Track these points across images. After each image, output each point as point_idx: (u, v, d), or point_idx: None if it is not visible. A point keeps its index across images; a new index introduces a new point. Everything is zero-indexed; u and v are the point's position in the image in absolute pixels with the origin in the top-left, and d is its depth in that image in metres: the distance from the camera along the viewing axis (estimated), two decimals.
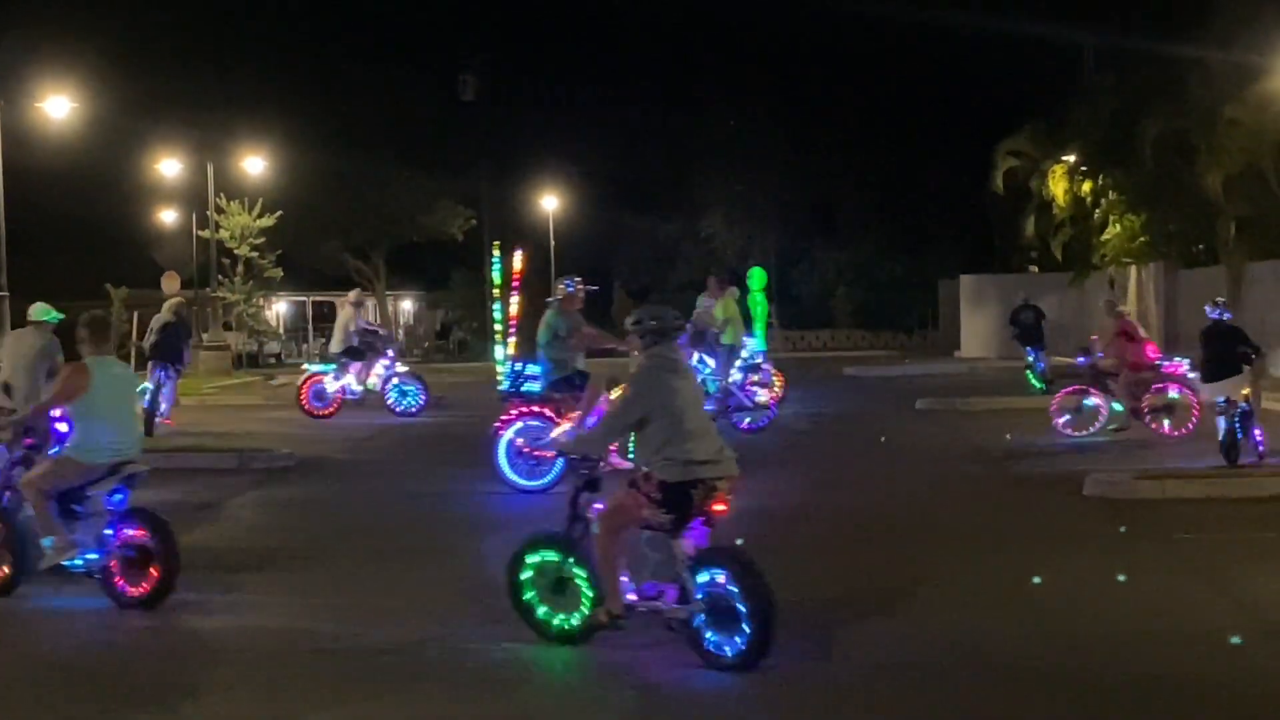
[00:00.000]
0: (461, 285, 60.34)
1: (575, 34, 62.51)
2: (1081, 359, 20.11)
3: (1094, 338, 20.76)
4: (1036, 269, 48.13)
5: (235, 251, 43.23)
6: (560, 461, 14.60)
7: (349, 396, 24.46)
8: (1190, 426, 18.78)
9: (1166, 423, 19.01)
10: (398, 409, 24.49)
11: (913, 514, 13.77)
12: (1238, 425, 15.48)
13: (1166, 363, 20.08)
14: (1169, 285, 35.96)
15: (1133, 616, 9.23)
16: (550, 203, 54.96)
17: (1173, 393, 19.08)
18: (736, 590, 7.99)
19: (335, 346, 25.03)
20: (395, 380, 24.81)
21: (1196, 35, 30.52)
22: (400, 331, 63.39)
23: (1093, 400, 19.42)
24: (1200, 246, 35.89)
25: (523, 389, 15.58)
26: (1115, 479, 14.34)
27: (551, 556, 8.77)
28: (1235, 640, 8.39)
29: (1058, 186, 39.80)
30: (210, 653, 8.83)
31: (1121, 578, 10.23)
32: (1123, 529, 12.30)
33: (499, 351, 16.16)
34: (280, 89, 47.19)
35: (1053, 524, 12.91)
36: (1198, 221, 34.16)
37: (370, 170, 51.36)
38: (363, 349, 24.74)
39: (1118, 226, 37.57)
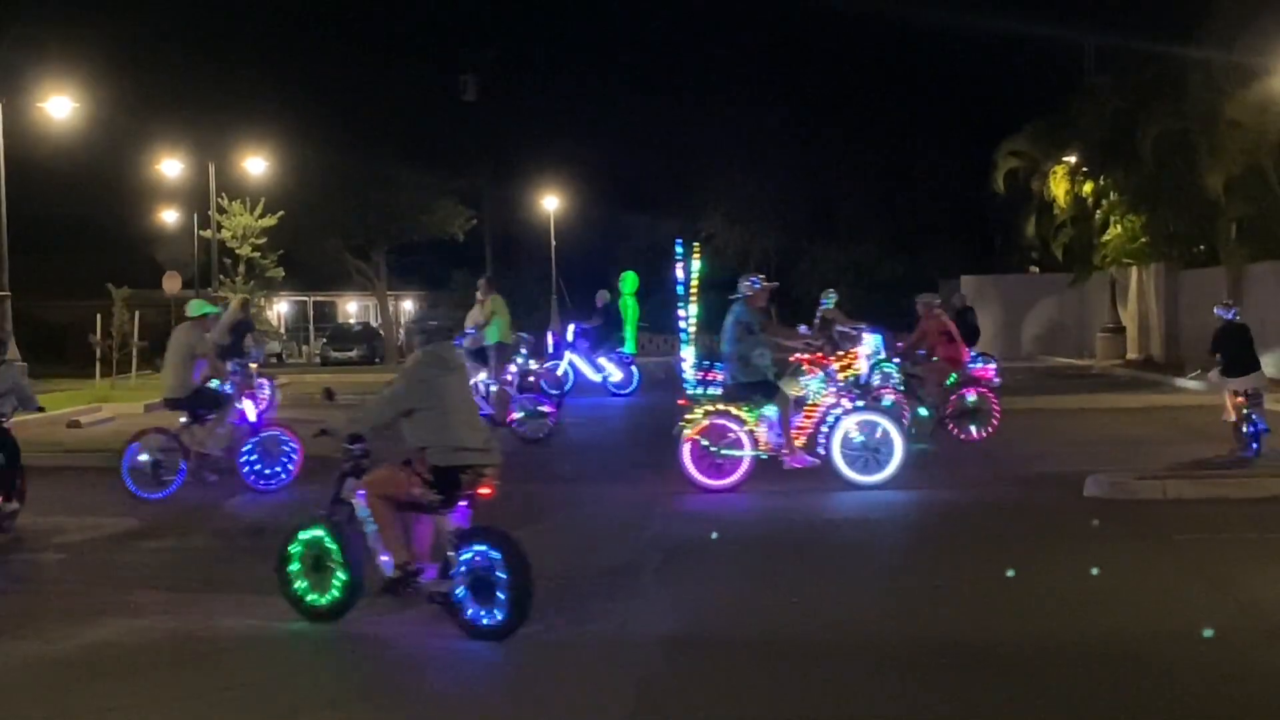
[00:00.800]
0: (462, 286, 60.32)
1: (576, 34, 62.63)
2: (896, 361, 20.01)
3: (901, 342, 20.48)
4: (1037, 269, 48.15)
5: (237, 251, 43.25)
6: (747, 460, 14.81)
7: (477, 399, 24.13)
8: (992, 428, 18.81)
9: (973, 428, 18.87)
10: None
11: (910, 513, 13.79)
12: (1255, 417, 16.14)
13: (975, 366, 20.08)
14: (1170, 286, 35.97)
15: (1133, 617, 9.24)
16: (551, 202, 54.99)
17: (971, 396, 18.96)
18: (500, 564, 8.80)
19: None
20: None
21: (1197, 36, 30.52)
22: (401, 331, 63.38)
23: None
24: (1201, 247, 35.88)
25: (707, 389, 15.59)
26: (1115, 479, 14.35)
27: (318, 536, 9.42)
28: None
29: (1059, 187, 39.81)
30: (210, 653, 8.84)
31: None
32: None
33: (686, 352, 16.15)
34: (282, 89, 47.21)
35: (1052, 524, 12.92)
36: (1198, 222, 34.16)
37: (371, 170, 51.37)
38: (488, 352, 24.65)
39: (1118, 227, 37.58)
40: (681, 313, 16.11)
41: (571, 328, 29.14)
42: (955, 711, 7.46)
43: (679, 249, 16.26)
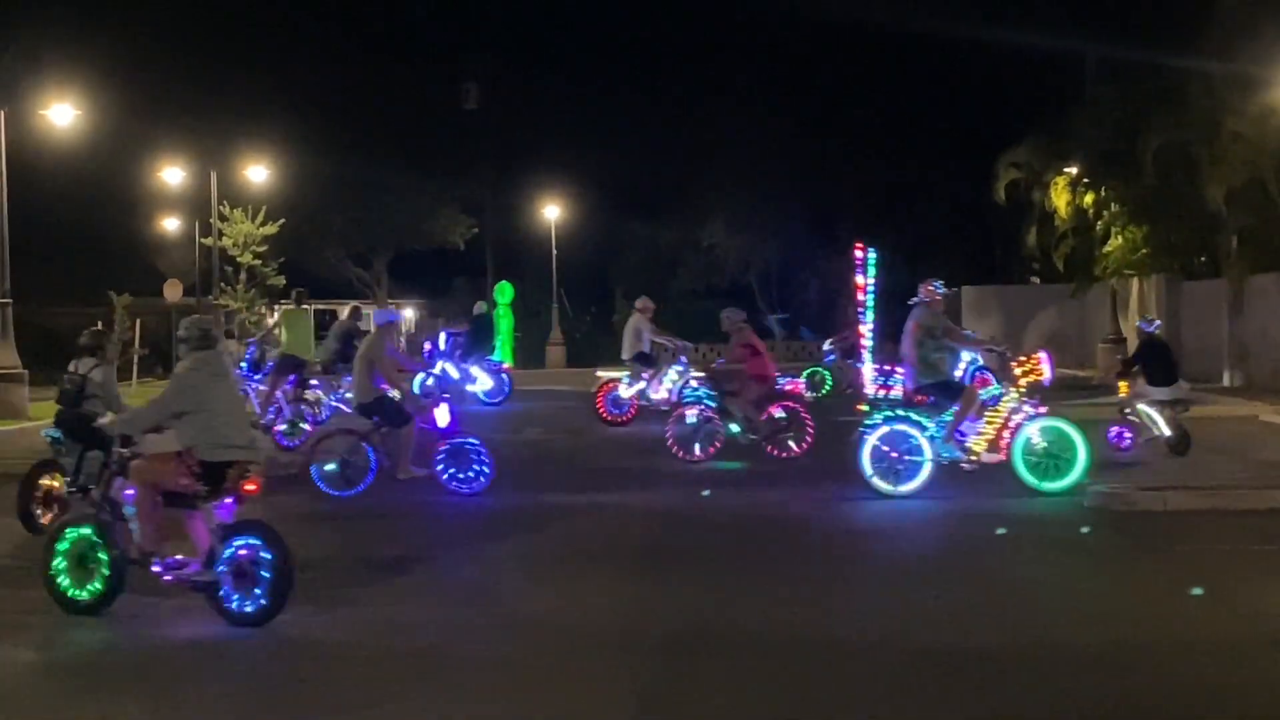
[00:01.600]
0: (463, 293, 60.38)
1: (578, 43, 62.72)
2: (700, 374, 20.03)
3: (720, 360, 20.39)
4: (1038, 280, 48.14)
5: (238, 259, 43.28)
6: (926, 465, 14.87)
7: (644, 403, 24.11)
8: (808, 443, 18.74)
9: (791, 443, 18.78)
10: None
11: (909, 522, 13.78)
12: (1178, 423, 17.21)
13: (784, 381, 20.04)
14: (1171, 297, 35.97)
15: (1135, 627, 9.24)
16: (552, 211, 55.03)
17: (779, 412, 18.88)
18: (266, 556, 9.52)
19: (625, 353, 24.65)
20: (691, 387, 24.02)
21: (1198, 47, 30.53)
22: (401, 340, 63.41)
23: (703, 418, 18.77)
24: (1202, 259, 35.89)
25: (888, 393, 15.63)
26: (1116, 490, 14.36)
27: (85, 534, 10.00)
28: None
29: (1060, 198, 39.80)
30: (213, 657, 8.84)
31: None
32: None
33: (868, 357, 16.23)
34: (283, 97, 47.32)
35: (1052, 534, 12.92)
36: (1200, 233, 34.17)
37: (372, 178, 51.43)
38: (654, 356, 24.65)
39: (1119, 238, 37.56)
40: (863, 322, 16.31)
41: (443, 335, 29.15)
42: (954, 718, 7.48)
43: (867, 257, 16.57)
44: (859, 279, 15.92)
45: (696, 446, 18.59)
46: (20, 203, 27.96)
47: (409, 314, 68.26)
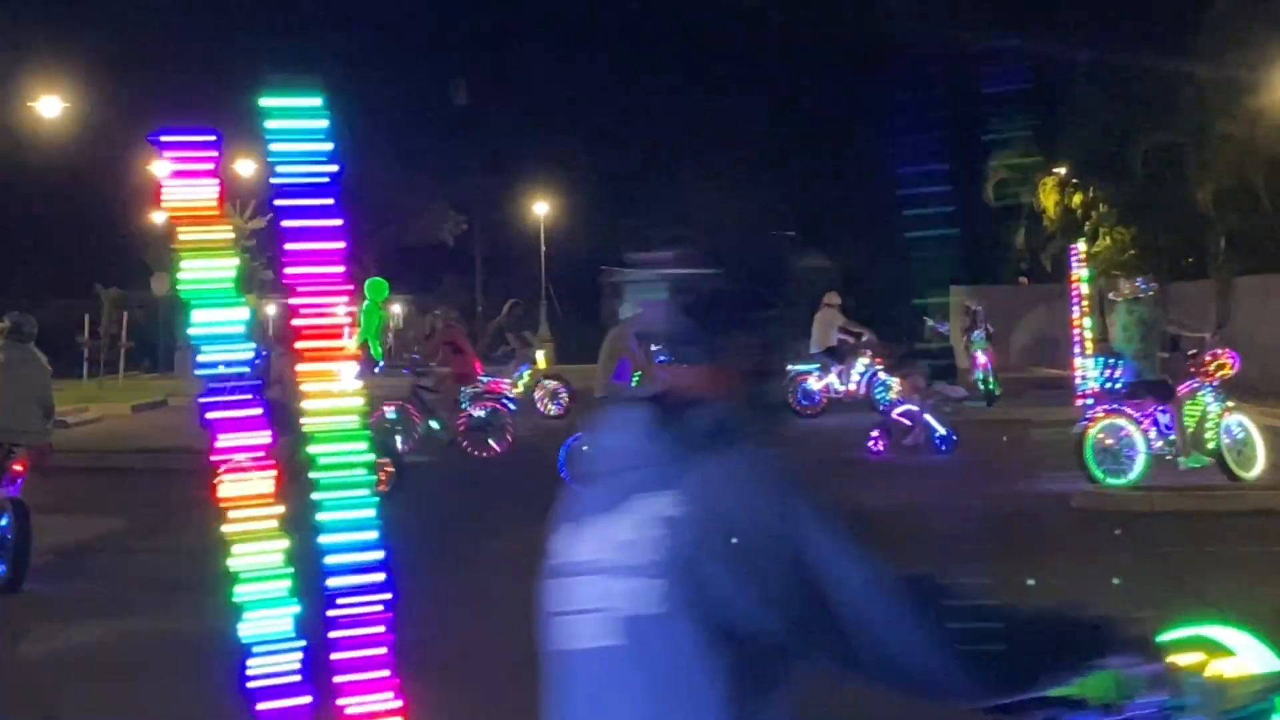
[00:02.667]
0: (452, 290, 60.32)
1: (568, 41, 62.59)
2: (405, 370, 20.09)
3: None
4: (1026, 280, 48.22)
5: None
6: (1144, 459, 14.88)
7: (834, 395, 24.35)
8: (508, 442, 18.82)
9: (491, 442, 18.77)
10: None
11: (893, 522, 13.79)
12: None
13: (489, 380, 20.09)
14: (1158, 298, 36.03)
15: (1120, 629, 9.24)
16: (541, 208, 55.01)
17: (481, 411, 18.90)
18: (11, 531, 10.47)
19: (815, 346, 24.78)
20: (880, 379, 23.58)
21: (1188, 50, 30.61)
22: (389, 335, 63.31)
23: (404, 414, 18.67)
24: (1190, 260, 35.99)
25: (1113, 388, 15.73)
26: (1104, 491, 14.39)
27: None
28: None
29: (1048, 198, 39.90)
30: (202, 655, 8.82)
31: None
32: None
33: (1086, 350, 16.45)
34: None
35: (1040, 535, 12.95)
36: (1187, 235, 34.27)
37: (361, 173, 51.31)
38: (843, 350, 24.60)
39: (1108, 239, 37.66)
40: (1079, 323, 16.55)
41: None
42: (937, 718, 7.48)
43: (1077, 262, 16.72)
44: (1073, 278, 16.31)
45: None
46: (7, 195, 27.91)
47: (397, 310, 68.19)
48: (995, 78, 47.16)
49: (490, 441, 18.74)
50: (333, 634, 4.38)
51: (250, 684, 4.46)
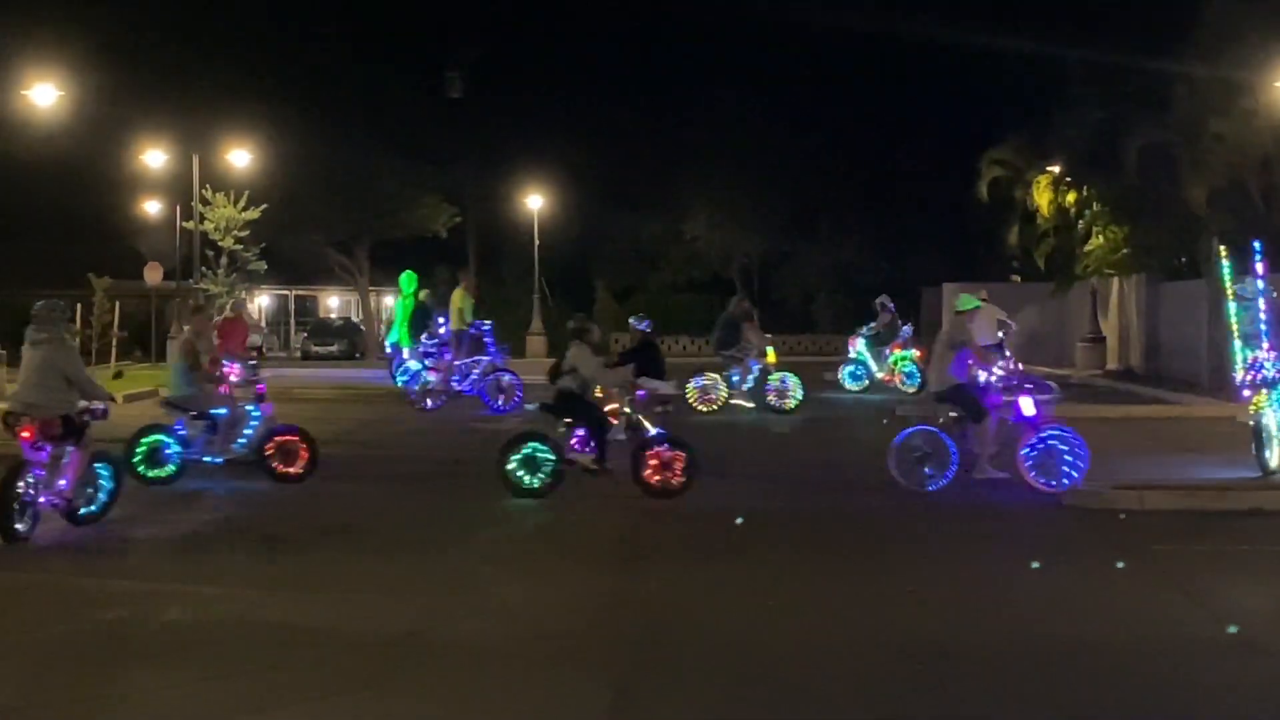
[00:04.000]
0: (446, 282, 60.25)
1: (561, 33, 62.52)
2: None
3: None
4: (1019, 278, 48.28)
5: (219, 243, 43.13)
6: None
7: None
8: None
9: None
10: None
11: (886, 520, 13.81)
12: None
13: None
14: (1150, 297, 36.07)
15: (1110, 627, 9.28)
16: (535, 201, 54.95)
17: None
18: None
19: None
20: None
21: (1182, 49, 30.63)
22: (382, 327, 63.24)
23: None
24: (1183, 259, 36.00)
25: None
26: (1093, 489, 14.41)
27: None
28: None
29: (1042, 196, 39.93)
30: (203, 642, 8.82)
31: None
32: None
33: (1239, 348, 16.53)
34: (267, 82, 47.05)
35: (1029, 532, 12.96)
36: (1180, 234, 34.28)
37: (355, 165, 51.25)
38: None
39: (1100, 238, 37.68)
40: (1237, 322, 16.59)
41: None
42: (931, 715, 7.50)
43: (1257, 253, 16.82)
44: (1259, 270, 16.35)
45: None
46: (0, 183, 27.83)
47: (389, 301, 68.11)
48: (987, 75, 47.26)
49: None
50: None
51: None
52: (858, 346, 29.87)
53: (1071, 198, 38.75)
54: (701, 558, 11.76)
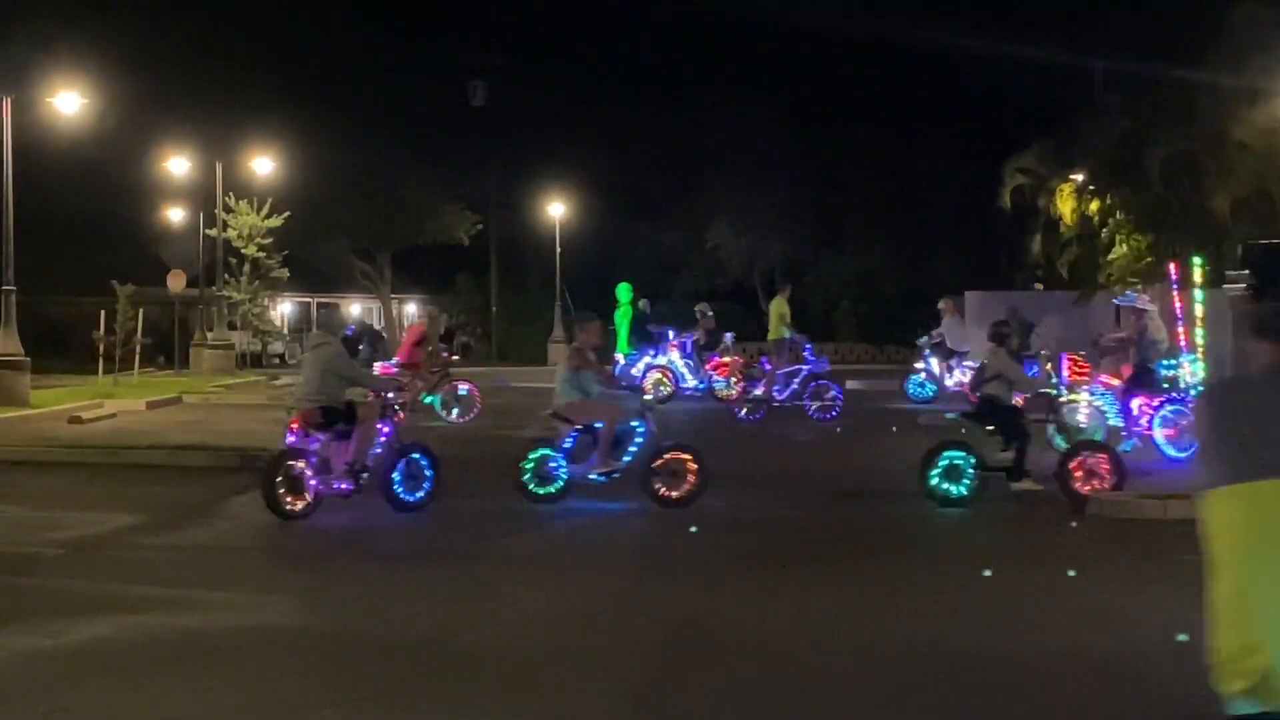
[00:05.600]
0: (466, 289, 60.37)
1: (585, 42, 62.61)
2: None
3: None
4: (1041, 286, 48.10)
5: (242, 251, 43.27)
6: None
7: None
8: None
9: None
10: None
11: (909, 528, 13.76)
12: None
13: None
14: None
15: (1135, 636, 9.22)
16: (557, 209, 55.02)
17: None
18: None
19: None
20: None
21: (1207, 58, 30.53)
22: (404, 334, 63.34)
23: None
24: (1207, 268, 35.83)
25: None
26: (1118, 498, 14.33)
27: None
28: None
29: (1065, 205, 39.74)
30: (208, 650, 8.83)
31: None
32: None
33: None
34: (291, 90, 47.25)
35: (1054, 541, 12.90)
36: (1205, 243, 34.13)
37: (378, 173, 51.40)
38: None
39: (1124, 246, 37.51)
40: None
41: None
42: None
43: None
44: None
45: None
46: (25, 191, 27.91)
47: (411, 309, 68.21)
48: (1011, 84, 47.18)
49: None
50: None
51: None
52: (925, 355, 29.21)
53: (1095, 206, 38.57)
54: (725, 566, 11.72)
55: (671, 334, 27.54)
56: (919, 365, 27.22)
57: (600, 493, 14.73)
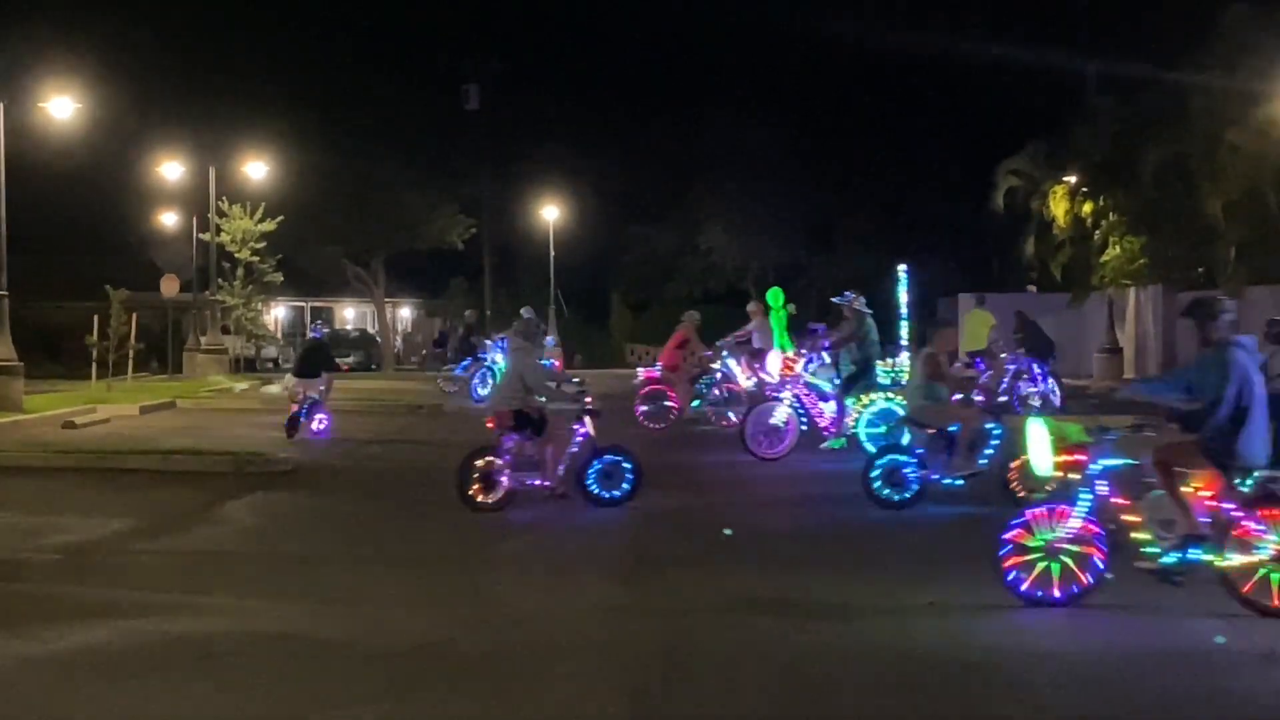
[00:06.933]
0: (460, 293, 60.38)
1: (579, 46, 62.75)
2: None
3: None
4: (1035, 289, 48.17)
5: (236, 255, 43.23)
6: None
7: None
8: None
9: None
10: None
11: (902, 529, 13.76)
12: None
13: None
14: (1167, 308, 36.02)
15: (1126, 637, 9.23)
16: (551, 213, 55.02)
17: None
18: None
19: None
20: None
21: (1199, 60, 30.63)
22: (398, 339, 63.36)
23: None
24: (1200, 270, 35.94)
25: None
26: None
27: None
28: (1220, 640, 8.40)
29: (1058, 207, 39.83)
30: (204, 656, 8.82)
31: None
32: None
33: None
34: (284, 94, 47.23)
35: None
36: (1197, 245, 34.23)
37: (372, 177, 51.39)
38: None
39: (1117, 248, 37.60)
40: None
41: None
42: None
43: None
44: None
45: None
46: (17, 196, 27.85)
47: (405, 313, 68.21)
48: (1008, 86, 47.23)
49: None
50: None
51: None
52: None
53: (1088, 208, 38.66)
54: (716, 567, 11.72)
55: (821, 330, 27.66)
56: (715, 366, 24.78)
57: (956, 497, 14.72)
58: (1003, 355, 26.22)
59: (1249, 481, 9.88)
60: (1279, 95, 28.47)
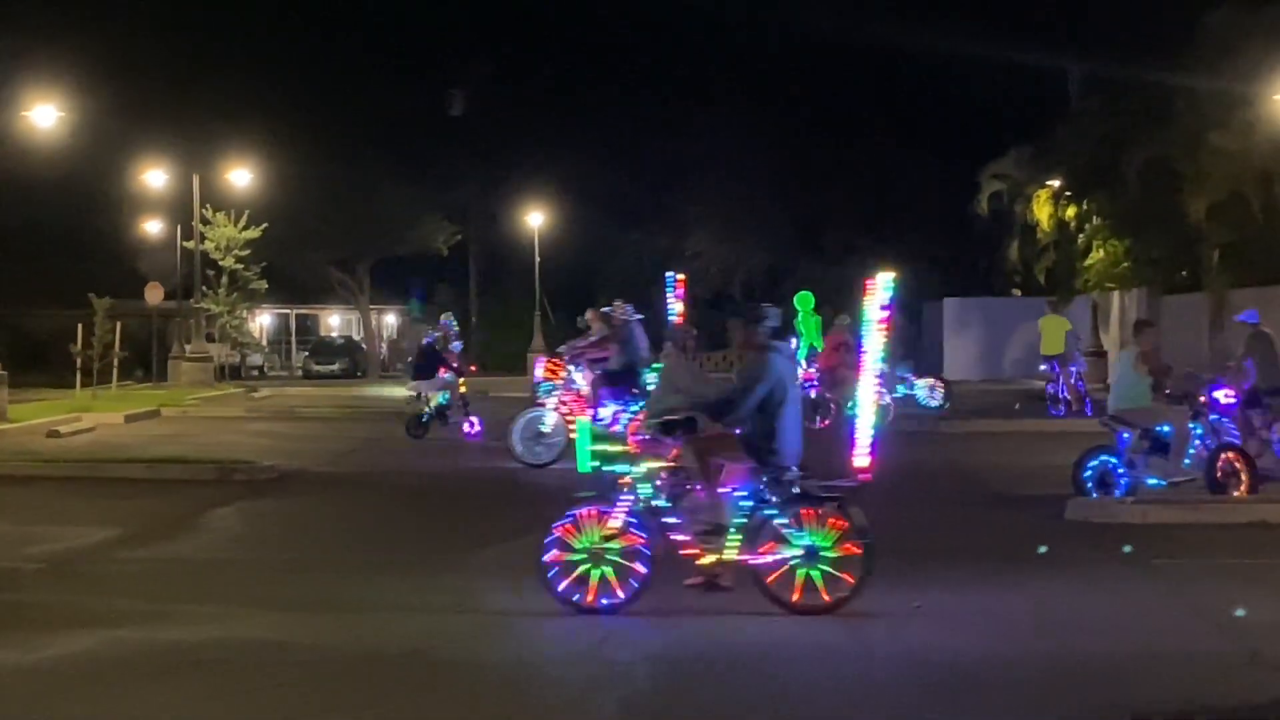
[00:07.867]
0: (448, 301, 60.28)
1: (564, 51, 62.58)
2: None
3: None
4: (1019, 292, 48.29)
5: (220, 263, 43.15)
6: None
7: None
8: None
9: None
10: None
11: (889, 534, 13.76)
12: None
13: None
14: (1151, 311, 36.07)
15: (1115, 641, 9.25)
16: (536, 219, 54.99)
17: None
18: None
19: None
20: None
21: (1183, 63, 30.69)
22: (384, 346, 63.26)
23: None
24: (1184, 273, 36.05)
25: None
26: (1097, 503, 14.37)
27: None
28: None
29: (1042, 211, 39.96)
30: (189, 664, 8.79)
31: (1042, 547, 10.32)
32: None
33: None
34: (268, 101, 47.10)
35: (1032, 547, 12.92)
36: (1181, 248, 34.33)
37: (356, 183, 51.27)
38: None
39: (1101, 251, 37.71)
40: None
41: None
42: None
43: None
44: None
45: None
46: (1, 203, 27.80)
47: (390, 320, 68.10)
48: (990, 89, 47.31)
49: None
50: None
51: None
52: None
53: (1072, 212, 38.77)
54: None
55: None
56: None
57: None
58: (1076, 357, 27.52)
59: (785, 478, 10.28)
60: (1261, 97, 28.55)
